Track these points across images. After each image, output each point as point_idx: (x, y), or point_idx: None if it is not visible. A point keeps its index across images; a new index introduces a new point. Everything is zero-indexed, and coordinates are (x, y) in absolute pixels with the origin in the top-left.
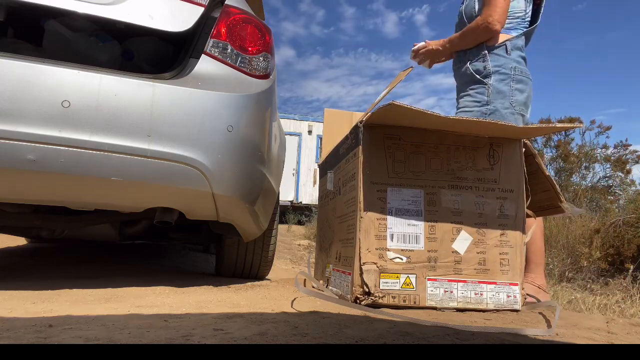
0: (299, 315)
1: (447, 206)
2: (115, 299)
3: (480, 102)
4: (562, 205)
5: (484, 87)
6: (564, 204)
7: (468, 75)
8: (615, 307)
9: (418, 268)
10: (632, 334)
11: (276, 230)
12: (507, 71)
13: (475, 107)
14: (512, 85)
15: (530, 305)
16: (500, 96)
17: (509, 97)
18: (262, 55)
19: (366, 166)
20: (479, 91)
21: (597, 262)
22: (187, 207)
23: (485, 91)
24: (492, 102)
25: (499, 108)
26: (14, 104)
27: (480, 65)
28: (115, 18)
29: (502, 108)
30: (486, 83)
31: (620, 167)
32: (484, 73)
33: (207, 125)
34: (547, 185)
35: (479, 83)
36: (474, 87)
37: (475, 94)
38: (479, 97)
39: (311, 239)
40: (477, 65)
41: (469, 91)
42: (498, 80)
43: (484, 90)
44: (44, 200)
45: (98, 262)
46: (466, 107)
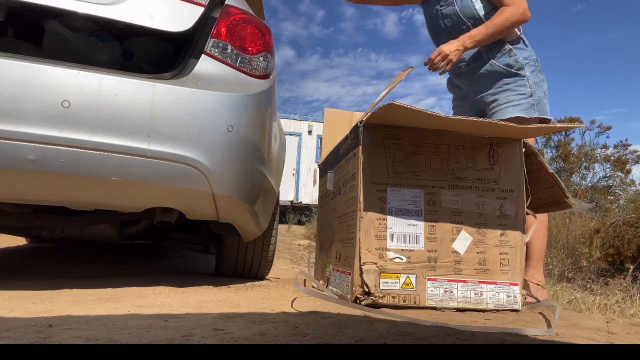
0: (299, 315)
1: (447, 206)
2: (115, 299)
3: (526, 94)
4: (568, 200)
5: (523, 79)
6: (570, 200)
7: (496, 72)
8: (615, 307)
9: (418, 268)
10: (632, 334)
11: (276, 230)
12: (533, 62)
13: (523, 100)
14: (539, 76)
15: (530, 305)
16: (536, 86)
17: (541, 86)
18: (262, 55)
19: (366, 166)
20: (520, 84)
21: (597, 262)
22: (187, 207)
23: (526, 82)
24: (535, 93)
25: (540, 97)
26: (14, 104)
27: (511, 59)
28: (115, 18)
29: (542, 97)
30: (524, 75)
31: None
32: (517, 66)
33: (207, 125)
34: (552, 182)
35: (516, 76)
36: (510, 81)
37: (517, 87)
38: (523, 90)
39: (311, 239)
40: (506, 60)
41: (505, 86)
42: (530, 71)
43: (525, 82)
44: (44, 200)
45: (98, 262)
46: (512, 102)
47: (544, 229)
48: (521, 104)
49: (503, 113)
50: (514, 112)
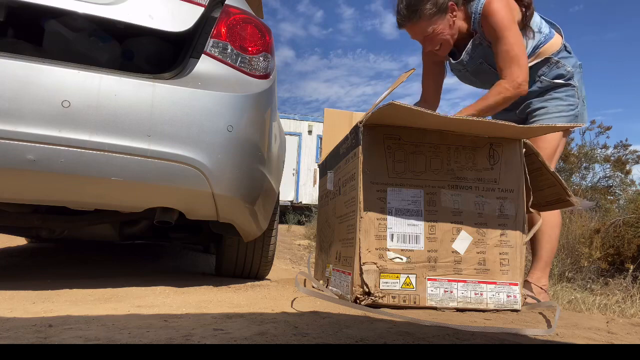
0: (299, 315)
1: (447, 206)
2: (115, 299)
3: (574, 105)
4: (570, 199)
5: (573, 89)
6: (572, 198)
7: (545, 86)
8: (615, 307)
9: (418, 268)
10: (632, 334)
11: (276, 230)
12: (578, 69)
13: (571, 111)
14: (582, 82)
15: (530, 305)
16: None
17: (582, 92)
18: (262, 55)
19: (366, 166)
20: (570, 93)
21: (597, 262)
22: (187, 207)
23: (575, 93)
24: (580, 103)
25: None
26: (14, 104)
27: (561, 70)
28: (115, 18)
29: (582, 106)
30: (574, 85)
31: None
32: (568, 75)
33: (207, 125)
34: (553, 181)
35: (566, 86)
36: (561, 91)
37: (567, 97)
38: (572, 100)
39: (311, 239)
40: (556, 72)
41: (555, 94)
42: (577, 80)
43: (574, 92)
44: (44, 200)
45: (98, 262)
46: (562, 112)
47: (556, 233)
48: (569, 116)
49: (550, 122)
50: (562, 123)
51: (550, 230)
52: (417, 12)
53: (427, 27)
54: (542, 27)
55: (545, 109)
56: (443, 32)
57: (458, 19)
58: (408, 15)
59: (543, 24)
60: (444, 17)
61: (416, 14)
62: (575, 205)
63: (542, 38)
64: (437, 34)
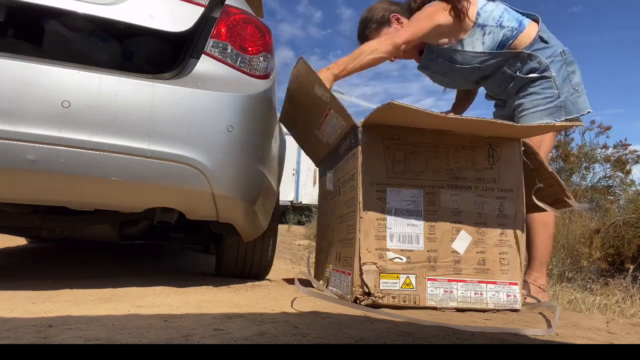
0: (299, 315)
1: (447, 206)
2: (115, 299)
3: (552, 97)
4: (568, 199)
5: (549, 80)
6: (570, 198)
7: (520, 82)
8: (615, 307)
9: (418, 268)
10: (632, 334)
11: (276, 231)
12: (559, 57)
13: (549, 104)
14: (567, 69)
15: (530, 305)
16: (564, 84)
17: (570, 81)
18: (262, 55)
19: (365, 166)
20: (545, 86)
21: (597, 262)
22: (187, 207)
23: (552, 84)
24: (562, 92)
25: (568, 95)
26: (14, 104)
27: (533, 63)
28: (115, 18)
29: (569, 95)
30: (549, 76)
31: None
32: (542, 68)
33: (207, 125)
34: (552, 181)
35: (541, 79)
36: (536, 84)
37: (542, 90)
38: (549, 92)
39: (311, 239)
40: (529, 66)
41: (530, 89)
42: (556, 69)
43: (551, 84)
44: (44, 200)
45: (98, 262)
46: (538, 106)
47: (549, 233)
48: (548, 108)
49: (531, 118)
50: (542, 118)
51: (543, 230)
52: (365, 32)
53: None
54: (503, 21)
55: (522, 105)
56: None
57: None
58: (362, 38)
59: (506, 17)
60: (389, 27)
61: (364, 35)
62: (574, 206)
63: (507, 33)
64: None
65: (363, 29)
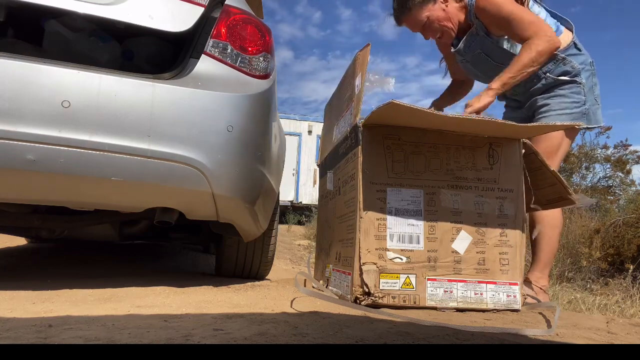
0: (299, 315)
1: (447, 206)
2: (115, 299)
3: (580, 102)
4: (571, 197)
5: (579, 86)
6: (573, 196)
7: (549, 83)
8: (615, 307)
9: (418, 268)
10: (632, 334)
11: (276, 230)
12: (589, 67)
13: (576, 109)
14: (593, 80)
15: (530, 305)
16: (590, 93)
17: (593, 91)
18: (262, 55)
19: (365, 166)
20: (575, 90)
21: (597, 262)
22: (187, 207)
23: (581, 90)
24: (587, 100)
25: (591, 104)
26: (14, 104)
27: (567, 67)
28: (115, 18)
29: (591, 105)
30: (580, 82)
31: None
32: (574, 72)
33: (207, 126)
34: (554, 179)
35: (571, 83)
36: (565, 87)
37: (571, 94)
38: (577, 97)
39: (311, 239)
40: (562, 69)
41: (559, 91)
42: (586, 77)
43: (580, 89)
44: (43, 200)
45: (98, 262)
46: (565, 109)
47: (556, 234)
48: (574, 113)
49: (554, 120)
50: (565, 120)
51: (550, 231)
52: (407, 4)
53: (420, 16)
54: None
55: (548, 106)
56: (438, 18)
57: (452, 7)
58: (401, 10)
59: (549, 19)
60: (433, 3)
61: (407, 6)
62: (577, 203)
63: None
64: (432, 22)
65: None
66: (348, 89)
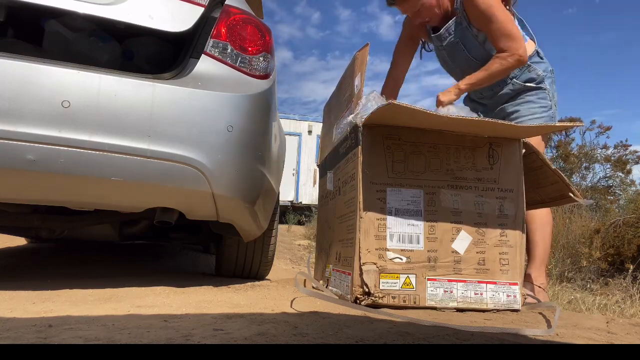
0: (299, 315)
1: (447, 206)
2: (115, 299)
3: (547, 107)
4: (572, 195)
5: (544, 91)
6: (574, 193)
7: (517, 90)
8: (615, 307)
9: (418, 268)
10: (632, 334)
11: (276, 230)
12: (550, 74)
13: (544, 113)
14: (553, 87)
15: (530, 305)
16: (552, 98)
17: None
18: (262, 55)
19: (365, 166)
20: (541, 96)
21: (597, 262)
22: (187, 207)
23: (547, 95)
24: (552, 106)
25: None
26: (14, 104)
27: (532, 74)
28: (115, 18)
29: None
30: (545, 88)
31: (620, 167)
32: (539, 79)
33: (207, 126)
34: (555, 178)
35: (538, 89)
36: (532, 94)
37: (539, 99)
38: (544, 102)
39: (311, 239)
40: (527, 75)
41: (527, 97)
42: (549, 83)
43: (546, 95)
44: (44, 201)
45: (98, 262)
46: (535, 114)
47: (548, 231)
48: (543, 117)
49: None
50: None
51: (542, 228)
52: None
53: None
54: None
55: (518, 112)
56: (430, 4)
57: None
58: None
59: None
60: None
61: None
62: (579, 201)
63: None
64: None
65: None
66: (347, 89)
